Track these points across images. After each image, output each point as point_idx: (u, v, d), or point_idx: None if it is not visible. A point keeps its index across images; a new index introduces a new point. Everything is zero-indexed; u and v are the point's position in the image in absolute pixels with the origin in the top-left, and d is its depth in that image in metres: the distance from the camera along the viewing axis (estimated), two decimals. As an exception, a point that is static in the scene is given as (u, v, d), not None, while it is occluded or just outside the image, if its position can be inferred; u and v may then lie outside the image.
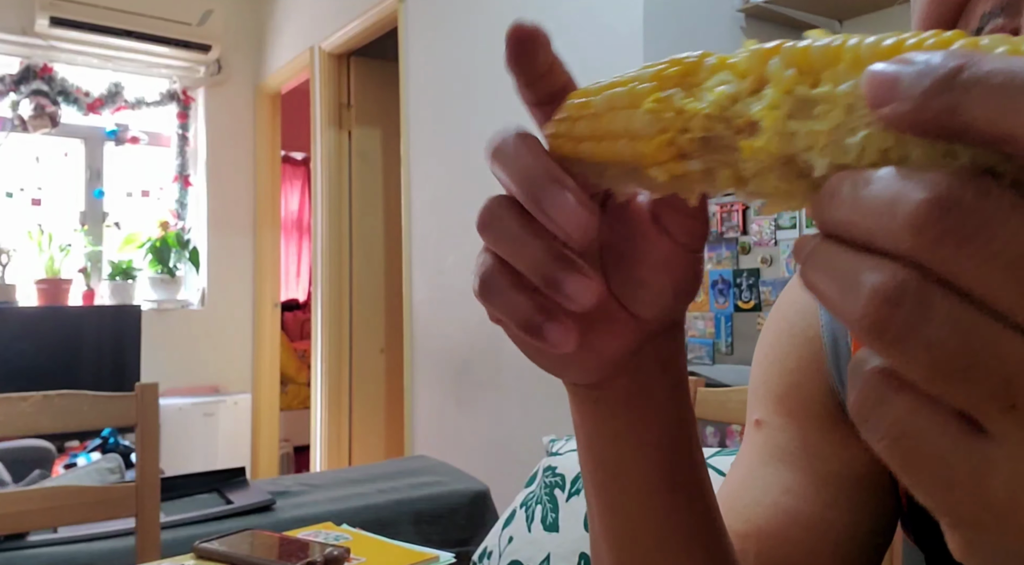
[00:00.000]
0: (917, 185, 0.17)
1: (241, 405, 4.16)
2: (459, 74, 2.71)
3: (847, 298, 0.18)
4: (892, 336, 0.18)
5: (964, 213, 0.17)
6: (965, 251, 0.17)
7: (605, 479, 0.39)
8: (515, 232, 0.30)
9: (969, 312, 0.17)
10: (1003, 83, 0.16)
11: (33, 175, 3.97)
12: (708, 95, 0.24)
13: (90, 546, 1.51)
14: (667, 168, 0.26)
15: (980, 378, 0.17)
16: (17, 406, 1.23)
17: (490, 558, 1.51)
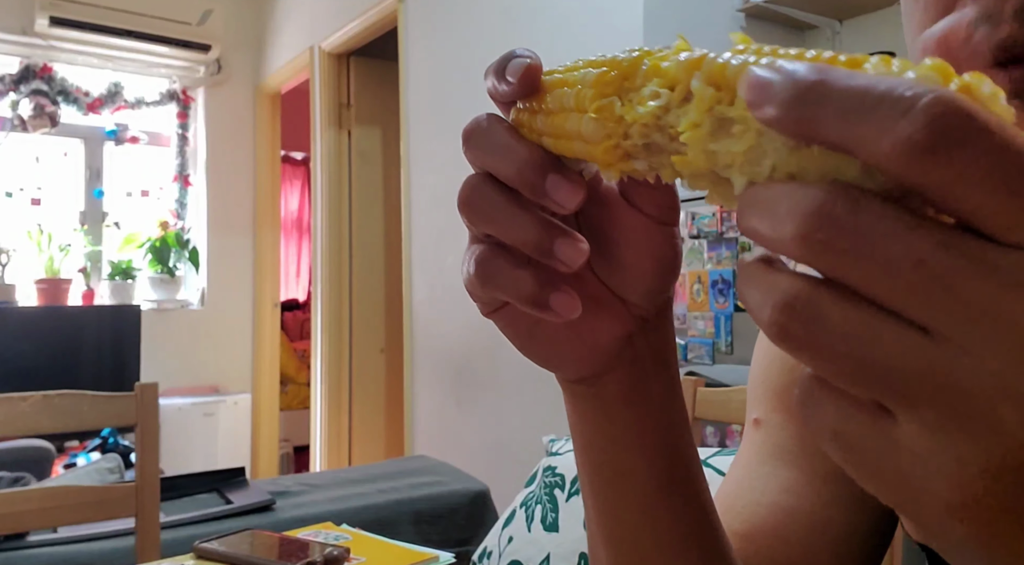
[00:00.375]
0: (800, 199, 0.19)
1: (241, 405, 4.16)
2: (459, 74, 2.71)
3: (761, 310, 0.20)
4: (795, 344, 0.20)
5: (838, 222, 0.18)
6: (845, 259, 0.18)
7: (603, 483, 0.39)
8: (503, 206, 0.31)
9: (859, 315, 0.19)
10: (852, 101, 0.18)
11: (33, 175, 3.97)
12: (641, 107, 0.26)
13: (90, 546, 1.51)
14: (616, 168, 0.28)
15: (874, 375, 0.19)
16: (17, 406, 1.23)
17: (490, 558, 1.51)
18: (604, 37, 2.10)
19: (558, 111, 0.30)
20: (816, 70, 0.19)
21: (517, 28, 2.43)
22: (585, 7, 2.16)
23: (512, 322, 0.36)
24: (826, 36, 2.22)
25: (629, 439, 0.38)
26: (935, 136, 0.17)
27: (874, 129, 0.18)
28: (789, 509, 0.48)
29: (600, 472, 0.39)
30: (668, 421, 0.39)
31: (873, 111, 0.18)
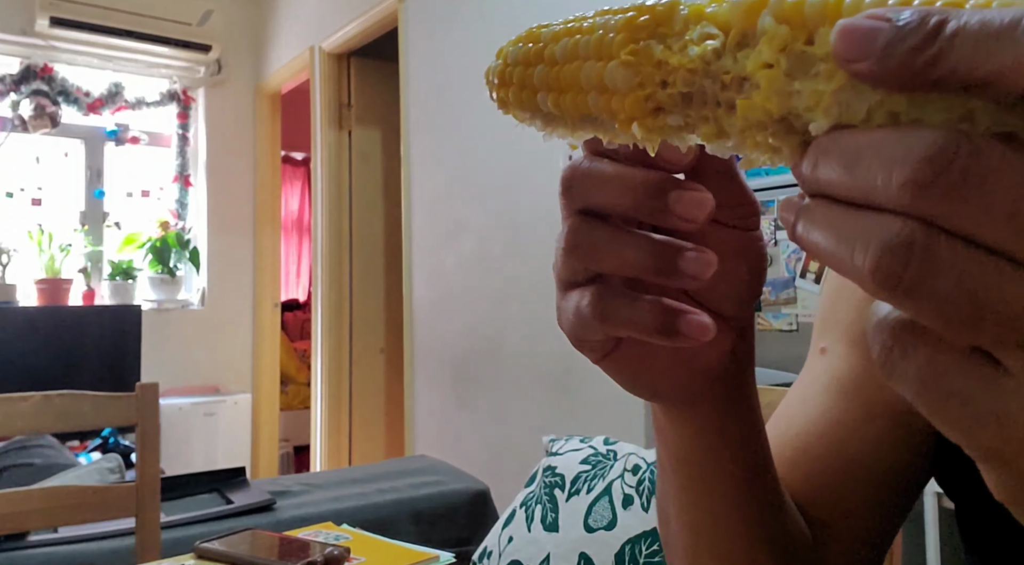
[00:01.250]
0: (913, 144, 0.18)
1: (241, 405, 4.16)
2: (459, 74, 2.71)
3: (855, 255, 0.19)
4: (904, 289, 0.18)
5: (960, 169, 0.17)
6: (964, 206, 0.17)
7: (698, 491, 0.41)
8: (612, 238, 0.30)
9: (974, 259, 0.18)
10: (981, 28, 0.17)
11: (33, 175, 3.97)
12: (692, 48, 0.23)
13: (90, 546, 1.51)
14: (643, 124, 0.25)
15: (990, 321, 0.18)
16: (17, 406, 1.23)
17: (490, 558, 1.51)
18: (604, 37, 2.10)
19: (569, 60, 0.27)
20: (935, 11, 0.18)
21: (517, 28, 2.42)
22: (585, 7, 2.16)
23: (625, 363, 0.35)
24: (826, 36, 2.22)
25: (727, 446, 0.39)
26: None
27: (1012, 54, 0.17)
28: (837, 441, 0.49)
29: (695, 482, 0.41)
30: (757, 421, 0.40)
31: (1013, 38, 0.17)
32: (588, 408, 2.12)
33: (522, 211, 2.40)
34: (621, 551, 1.31)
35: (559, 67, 0.27)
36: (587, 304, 0.31)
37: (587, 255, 0.30)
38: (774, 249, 1.78)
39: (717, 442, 0.39)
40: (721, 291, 0.35)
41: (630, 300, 0.30)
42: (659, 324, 0.30)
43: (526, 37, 0.29)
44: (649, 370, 0.36)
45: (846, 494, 0.49)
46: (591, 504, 1.40)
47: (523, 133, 1.89)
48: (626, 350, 0.35)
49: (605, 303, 0.31)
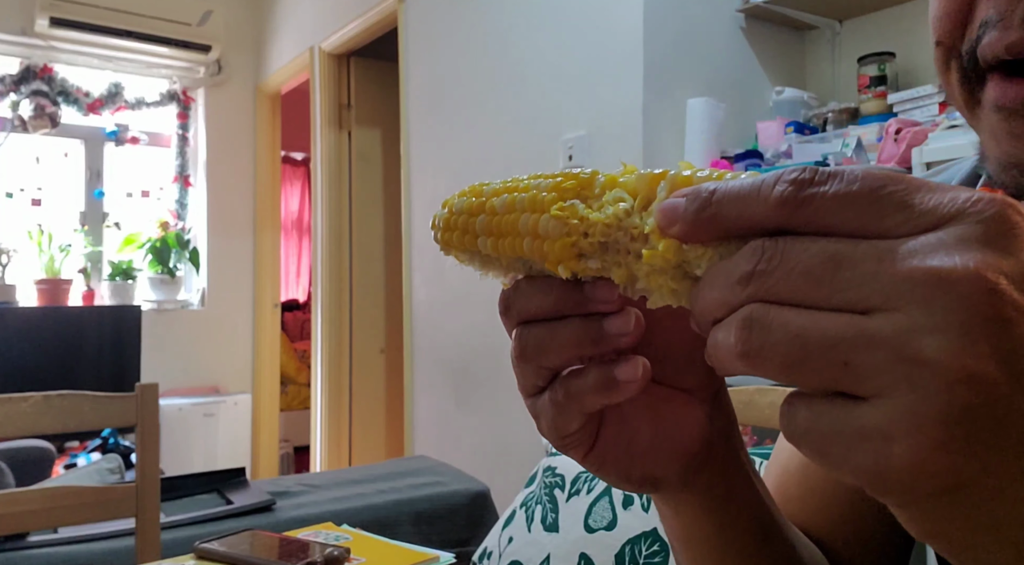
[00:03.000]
0: (735, 257, 0.25)
1: (241, 405, 4.16)
2: (459, 74, 2.71)
3: (728, 343, 0.24)
4: (755, 354, 0.23)
5: (767, 258, 0.24)
6: (775, 279, 0.23)
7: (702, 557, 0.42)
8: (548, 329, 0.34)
9: (794, 314, 0.23)
10: (737, 193, 0.24)
11: (33, 175, 3.97)
12: (607, 207, 0.29)
13: (90, 546, 1.51)
14: (568, 265, 0.30)
15: (819, 356, 0.22)
16: (17, 406, 1.23)
17: (490, 558, 1.51)
18: (604, 37, 2.10)
19: (507, 212, 0.32)
20: (699, 191, 0.25)
21: (517, 29, 2.43)
22: (585, 7, 2.16)
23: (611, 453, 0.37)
24: (826, 36, 2.22)
25: (729, 520, 0.41)
26: (798, 186, 0.23)
27: (759, 201, 0.24)
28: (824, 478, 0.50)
29: (705, 558, 0.42)
30: (755, 491, 0.41)
31: (756, 192, 0.24)
32: (588, 408, 2.12)
33: (522, 211, 2.39)
34: (621, 552, 1.31)
35: (499, 217, 0.32)
36: (559, 393, 0.34)
37: (535, 352, 0.34)
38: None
39: (720, 519, 0.40)
40: (676, 363, 0.37)
41: (580, 374, 0.34)
42: (603, 381, 0.33)
43: (470, 192, 0.35)
44: (634, 456, 0.38)
45: (857, 522, 0.49)
46: (591, 504, 1.40)
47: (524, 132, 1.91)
48: (606, 439, 0.37)
49: (568, 386, 0.34)
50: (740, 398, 1.07)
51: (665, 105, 2.01)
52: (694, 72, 2.06)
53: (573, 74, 2.20)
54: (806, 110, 2.08)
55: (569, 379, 0.34)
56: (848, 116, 1.99)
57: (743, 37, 2.17)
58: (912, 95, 1.84)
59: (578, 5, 2.19)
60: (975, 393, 0.20)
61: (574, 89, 2.19)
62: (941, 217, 0.22)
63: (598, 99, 2.11)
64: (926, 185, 0.23)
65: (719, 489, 0.40)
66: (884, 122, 1.80)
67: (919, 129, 1.69)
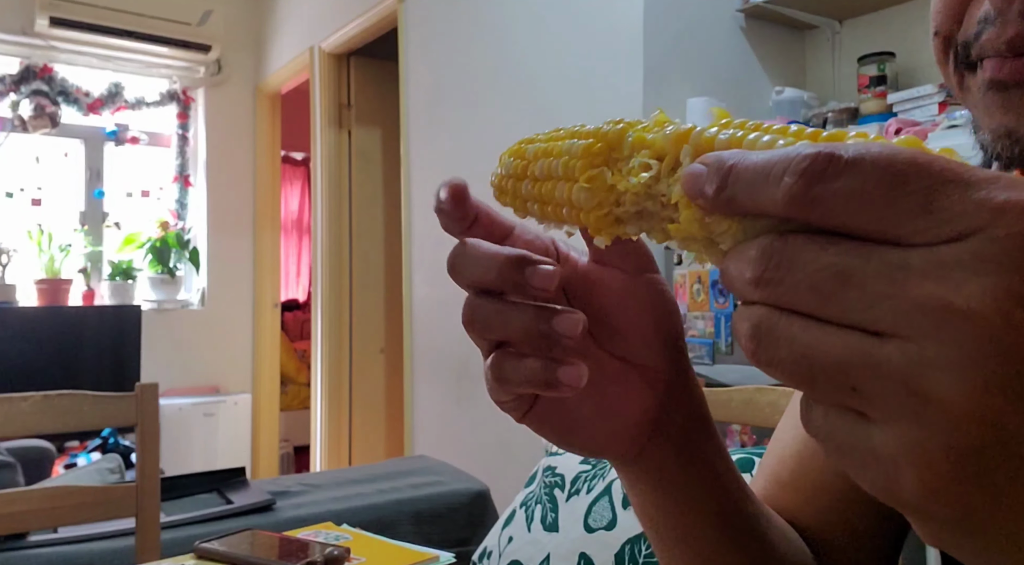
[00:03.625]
0: (746, 252, 0.23)
1: (241, 405, 4.16)
2: (458, 74, 2.71)
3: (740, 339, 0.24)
4: (762, 361, 0.23)
5: (775, 264, 0.22)
6: (784, 288, 0.22)
7: (668, 545, 0.42)
8: (497, 310, 0.34)
9: (800, 326, 0.22)
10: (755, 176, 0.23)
11: (33, 175, 3.97)
12: (633, 177, 0.28)
13: (90, 546, 1.51)
14: (607, 233, 0.31)
15: (828, 379, 0.21)
16: (17, 406, 1.23)
17: (490, 558, 1.51)
18: (604, 37, 2.10)
19: (546, 179, 0.32)
20: (729, 157, 0.24)
21: (517, 29, 2.43)
22: (585, 7, 2.16)
23: (545, 420, 0.38)
24: (826, 36, 2.22)
25: (685, 503, 0.41)
26: (808, 181, 0.21)
27: (769, 193, 0.22)
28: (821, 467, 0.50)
29: (663, 537, 0.42)
30: (716, 475, 0.41)
31: (766, 180, 0.22)
32: (588, 408, 2.12)
33: (522, 211, 2.40)
34: (621, 551, 1.31)
35: (539, 184, 0.32)
36: (488, 369, 0.35)
37: (480, 327, 0.35)
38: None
39: (676, 501, 0.40)
40: (630, 341, 0.37)
41: (518, 361, 0.34)
42: (540, 377, 0.33)
43: (516, 152, 0.35)
44: (572, 428, 0.38)
45: (848, 513, 0.49)
46: (591, 504, 1.40)
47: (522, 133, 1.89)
48: (542, 409, 0.37)
49: (500, 366, 0.35)
50: (740, 397, 1.07)
51: (665, 105, 2.01)
52: (694, 72, 2.06)
53: (573, 74, 2.20)
54: (806, 110, 2.08)
55: (506, 359, 0.34)
56: (848, 116, 1.99)
57: (743, 37, 2.17)
58: (912, 95, 1.84)
59: (578, 5, 2.19)
60: (985, 432, 0.19)
61: (574, 89, 2.19)
62: (964, 226, 0.20)
63: (598, 99, 2.11)
64: (958, 178, 0.20)
65: (672, 471, 0.40)
66: (884, 122, 1.80)
67: (919, 129, 1.69)
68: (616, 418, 0.38)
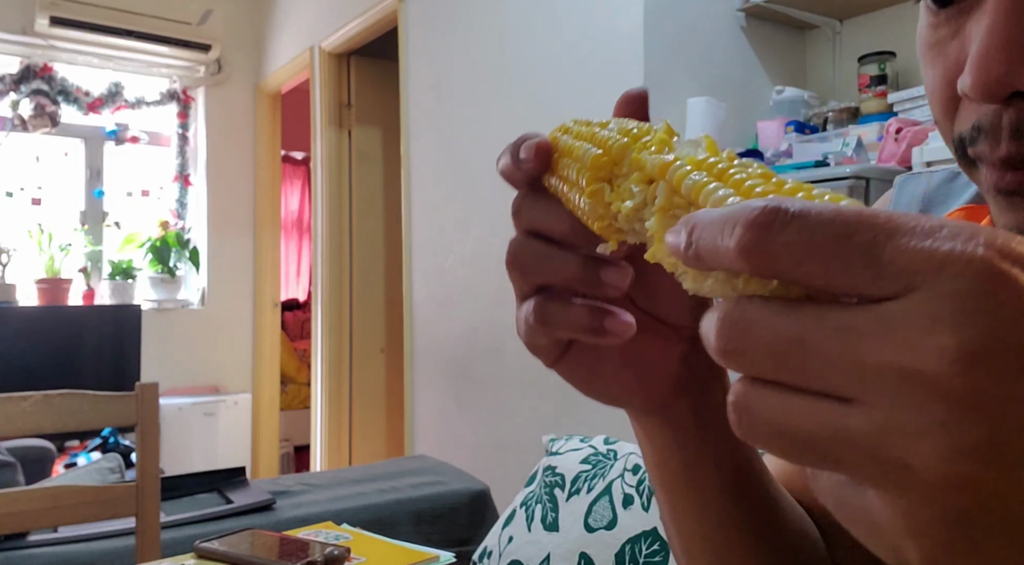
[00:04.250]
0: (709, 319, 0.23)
1: (241, 405, 4.16)
2: (459, 73, 2.71)
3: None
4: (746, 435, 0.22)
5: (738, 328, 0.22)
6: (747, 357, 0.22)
7: (677, 498, 0.43)
8: (548, 254, 0.35)
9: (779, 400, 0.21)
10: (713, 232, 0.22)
11: (33, 175, 3.97)
12: (624, 201, 0.30)
13: (90, 546, 1.51)
14: (613, 240, 0.33)
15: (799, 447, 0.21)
16: (18, 406, 1.23)
17: (490, 558, 1.51)
18: (604, 36, 2.10)
19: (566, 181, 0.34)
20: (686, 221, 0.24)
21: (517, 28, 2.43)
22: (585, 7, 2.16)
23: (576, 366, 0.39)
24: (826, 36, 2.22)
25: (700, 458, 0.41)
26: (755, 233, 0.21)
27: (724, 246, 0.22)
28: None
29: (674, 490, 0.43)
30: (734, 444, 0.42)
31: (721, 233, 0.22)
32: (588, 408, 2.12)
33: (522, 211, 2.40)
34: (621, 551, 1.31)
35: (563, 183, 0.35)
36: (530, 310, 0.36)
37: (527, 268, 0.36)
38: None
39: (691, 454, 0.41)
40: (664, 299, 0.38)
41: (565, 305, 0.35)
42: (588, 324, 0.34)
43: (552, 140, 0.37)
44: (600, 375, 0.39)
45: None
46: (591, 504, 1.40)
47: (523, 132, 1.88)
48: (574, 356, 0.38)
49: (544, 309, 0.35)
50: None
51: (665, 104, 2.00)
52: (694, 72, 2.06)
53: (573, 74, 2.20)
54: (806, 109, 2.08)
55: (551, 302, 0.35)
56: (848, 115, 1.99)
57: (743, 36, 2.17)
58: (912, 94, 1.84)
59: (578, 5, 2.19)
60: (964, 498, 0.19)
61: (574, 89, 2.19)
62: (909, 281, 0.19)
63: (598, 98, 2.11)
64: (903, 227, 0.20)
65: (689, 427, 0.40)
66: (884, 121, 1.80)
67: (919, 128, 1.69)
68: (641, 370, 0.39)
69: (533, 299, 0.36)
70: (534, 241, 0.36)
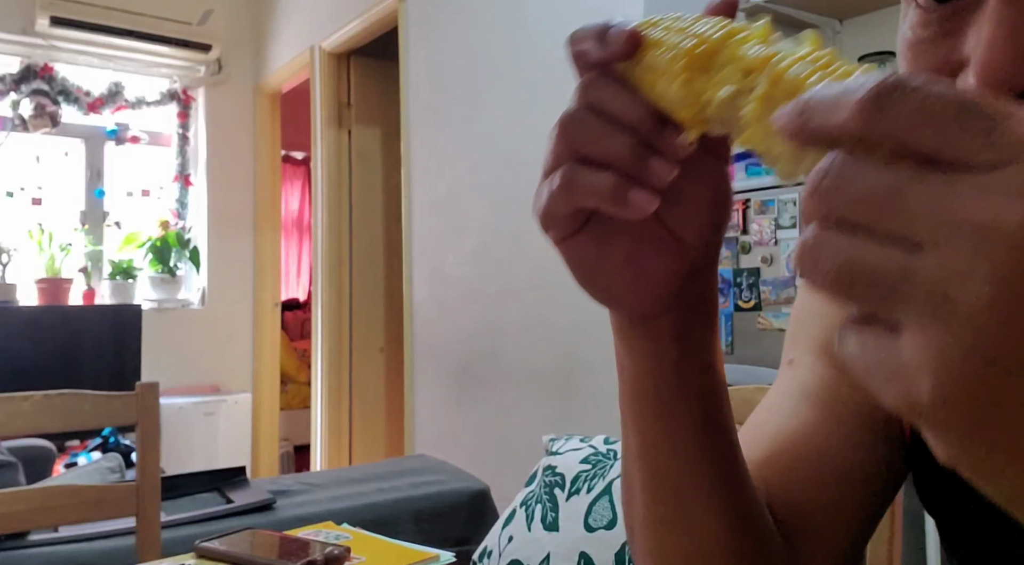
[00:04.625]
0: (816, 166, 0.25)
1: (241, 404, 4.16)
2: (459, 73, 2.71)
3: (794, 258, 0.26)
4: (808, 271, 0.24)
5: (838, 172, 0.24)
6: (839, 197, 0.24)
7: (648, 422, 0.44)
8: (605, 128, 0.35)
9: (852, 241, 0.23)
10: (825, 103, 0.25)
11: (34, 174, 3.97)
12: (720, 90, 0.32)
13: (91, 545, 1.51)
14: (696, 129, 0.34)
15: (864, 286, 0.23)
16: (18, 405, 1.23)
17: (490, 557, 1.51)
18: (604, 37, 2.10)
19: (653, 69, 0.35)
20: (797, 99, 0.26)
21: (517, 28, 2.43)
22: (585, 7, 2.16)
23: (585, 248, 0.39)
24: (826, 36, 2.22)
25: (677, 379, 0.42)
26: (877, 98, 0.23)
27: (839, 114, 0.24)
28: (805, 441, 0.51)
29: (646, 412, 0.43)
30: (710, 364, 0.43)
31: (837, 104, 0.24)
32: (588, 407, 2.13)
33: (522, 211, 2.40)
34: (621, 550, 1.31)
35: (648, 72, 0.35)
36: (559, 175, 0.36)
37: (577, 137, 0.36)
38: (774, 248, 1.78)
39: (670, 374, 0.42)
40: (682, 211, 0.38)
41: (594, 172, 0.35)
42: (613, 192, 0.34)
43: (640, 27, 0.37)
44: (604, 265, 0.39)
45: (820, 495, 0.50)
46: (591, 503, 1.41)
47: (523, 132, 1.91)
48: (586, 236, 0.38)
49: (574, 173, 0.35)
50: (739, 396, 1.07)
51: (665, 104, 2.01)
52: (694, 71, 2.07)
53: (573, 74, 2.20)
54: (806, 109, 2.08)
55: (581, 168, 0.35)
56: (848, 115, 1.99)
57: (743, 36, 2.17)
58: (912, 94, 1.84)
59: (578, 5, 2.19)
60: (1002, 342, 0.21)
61: (574, 89, 2.19)
62: (1017, 152, 0.21)
63: (598, 98, 2.11)
64: (1018, 113, 0.22)
65: (670, 347, 0.41)
66: (884, 121, 1.80)
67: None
68: (643, 272, 0.39)
69: (566, 165, 0.36)
70: (593, 115, 0.36)
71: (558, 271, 1.72)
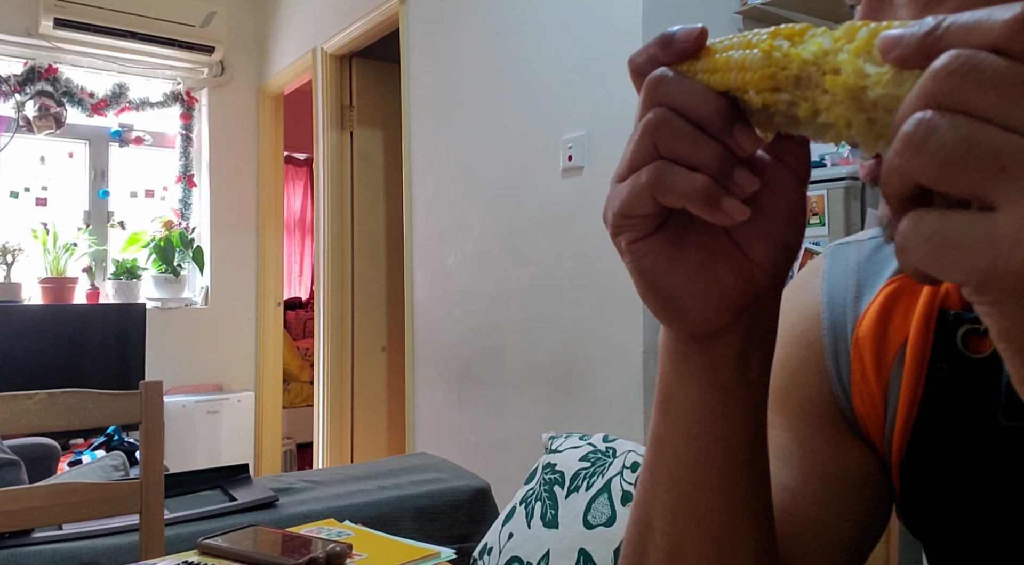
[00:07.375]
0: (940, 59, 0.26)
1: (244, 403, 4.17)
2: (460, 75, 2.72)
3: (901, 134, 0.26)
4: (921, 141, 0.25)
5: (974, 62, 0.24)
6: (972, 82, 0.24)
7: (694, 452, 0.42)
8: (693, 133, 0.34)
9: (972, 122, 0.24)
10: (967, 20, 0.25)
11: (38, 175, 3.99)
12: (809, 45, 0.32)
13: (95, 543, 1.52)
14: (762, 95, 0.33)
15: (979, 159, 0.24)
16: (23, 404, 1.24)
17: (490, 554, 1.52)
18: (603, 37, 2.11)
19: (721, 52, 0.36)
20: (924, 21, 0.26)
21: (517, 30, 2.44)
22: (584, 7, 2.17)
23: (659, 250, 0.38)
24: (825, 37, 2.23)
25: (727, 408, 0.40)
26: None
27: (987, 26, 0.24)
28: (785, 506, 0.50)
29: (693, 441, 0.42)
30: (760, 397, 0.42)
31: (982, 20, 0.25)
32: (588, 406, 2.14)
33: (522, 211, 2.41)
34: (620, 547, 1.32)
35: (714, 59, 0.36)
36: (646, 172, 0.35)
37: (669, 136, 0.34)
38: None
39: (721, 402, 0.40)
40: (757, 228, 0.37)
41: (686, 172, 0.34)
42: (706, 194, 0.34)
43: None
44: (675, 269, 0.38)
45: (804, 555, 0.49)
46: (590, 501, 1.41)
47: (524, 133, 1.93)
48: (660, 240, 0.37)
49: (663, 172, 0.34)
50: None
51: (664, 105, 2.01)
52: (693, 72, 2.07)
53: (573, 74, 2.21)
54: (805, 110, 2.09)
55: (672, 167, 0.34)
56: (846, 116, 1.99)
57: (742, 37, 2.18)
58: (910, 95, 1.85)
59: (578, 5, 2.20)
60: None
61: (574, 89, 2.21)
62: None
63: (598, 99, 2.12)
64: None
65: (726, 369, 0.40)
66: (882, 122, 1.81)
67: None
68: (713, 284, 0.38)
69: (652, 164, 0.35)
70: (680, 118, 0.35)
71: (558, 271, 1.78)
